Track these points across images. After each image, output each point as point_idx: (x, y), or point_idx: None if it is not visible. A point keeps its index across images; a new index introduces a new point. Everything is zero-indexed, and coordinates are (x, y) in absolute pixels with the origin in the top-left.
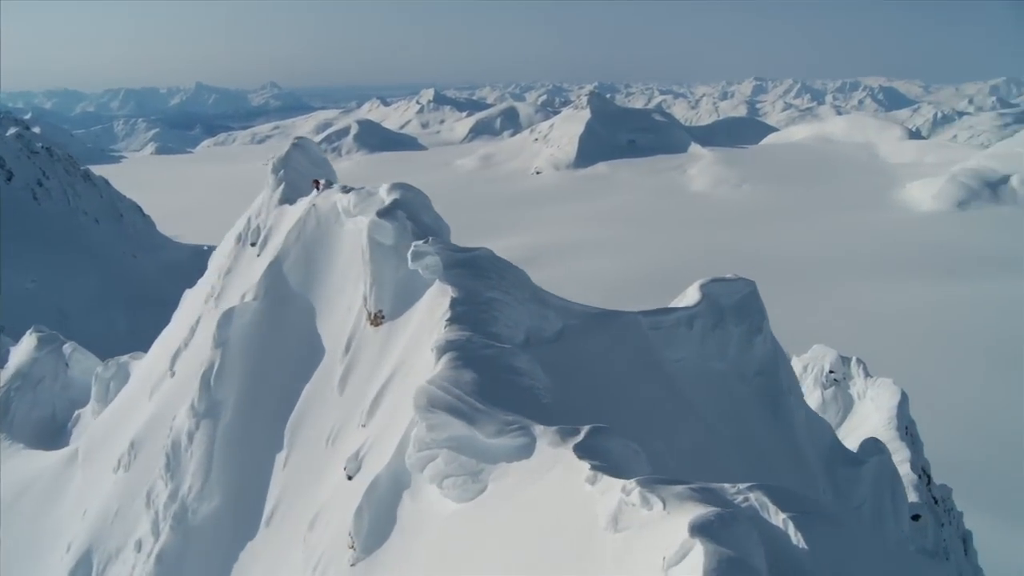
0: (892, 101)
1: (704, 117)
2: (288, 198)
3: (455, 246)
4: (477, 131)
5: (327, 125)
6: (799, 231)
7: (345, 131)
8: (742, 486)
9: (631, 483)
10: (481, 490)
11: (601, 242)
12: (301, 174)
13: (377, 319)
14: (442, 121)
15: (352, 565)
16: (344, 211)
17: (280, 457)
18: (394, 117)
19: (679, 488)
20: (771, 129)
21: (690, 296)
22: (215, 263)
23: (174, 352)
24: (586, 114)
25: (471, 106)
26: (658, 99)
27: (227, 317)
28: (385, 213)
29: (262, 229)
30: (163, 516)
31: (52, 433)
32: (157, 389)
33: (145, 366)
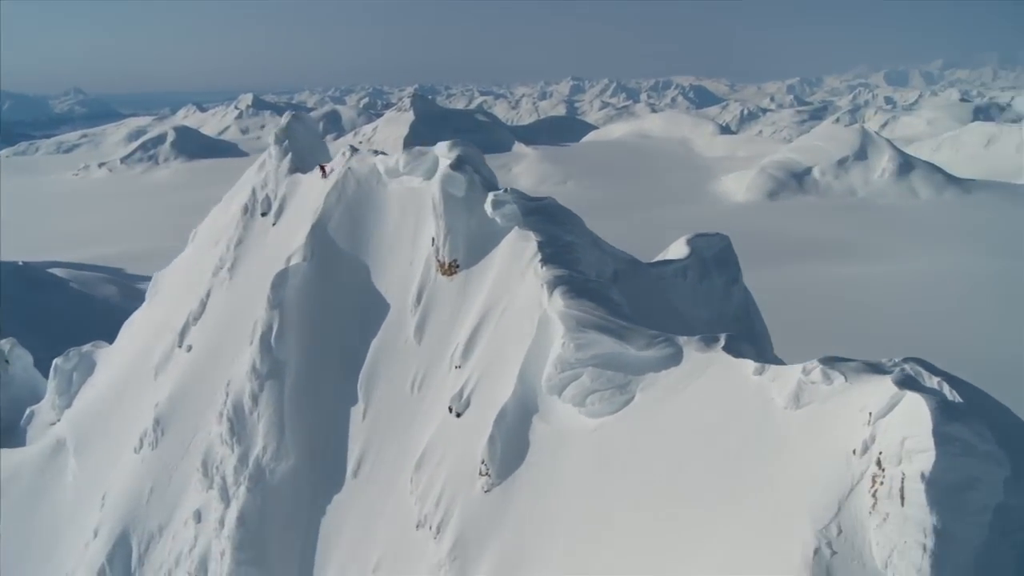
0: (702, 99)
1: (525, 117)
2: (297, 167)
3: (527, 195)
4: None
5: (140, 132)
6: (624, 225)
7: (161, 138)
8: (896, 359)
9: (812, 363)
10: (627, 401)
11: None
12: (303, 145)
13: (451, 268)
14: (262, 126)
15: (487, 491)
16: (388, 172)
17: (356, 410)
18: (212, 123)
19: (853, 363)
20: (591, 127)
21: (677, 250)
22: (210, 239)
23: (180, 329)
24: (409, 116)
25: (292, 110)
26: (479, 100)
27: (281, 279)
28: (456, 166)
29: (273, 199)
30: (234, 481)
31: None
32: (164, 367)
33: (127, 350)
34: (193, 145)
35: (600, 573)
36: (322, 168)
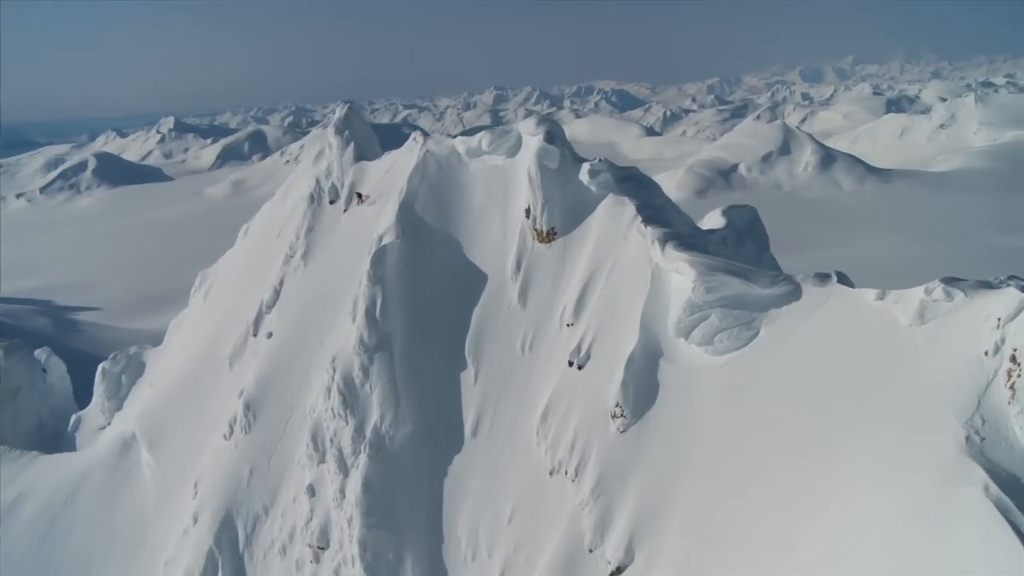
0: (624, 102)
1: (450, 128)
2: (361, 156)
3: (616, 164)
4: (225, 157)
5: (59, 161)
6: None
7: (82, 166)
8: (1002, 277)
9: (934, 283)
10: (752, 336)
11: None
12: (360, 134)
13: (549, 236)
14: (186, 149)
15: (623, 432)
16: (469, 152)
17: (466, 375)
18: (133, 148)
19: (968, 281)
20: None
21: (713, 220)
22: (268, 232)
23: (254, 318)
24: None
25: (215, 132)
26: (403, 113)
27: (380, 256)
28: (551, 140)
29: (340, 187)
30: (352, 451)
31: (44, 441)
32: (240, 356)
33: (188, 347)
34: (115, 172)
35: (745, 499)
36: (359, 196)
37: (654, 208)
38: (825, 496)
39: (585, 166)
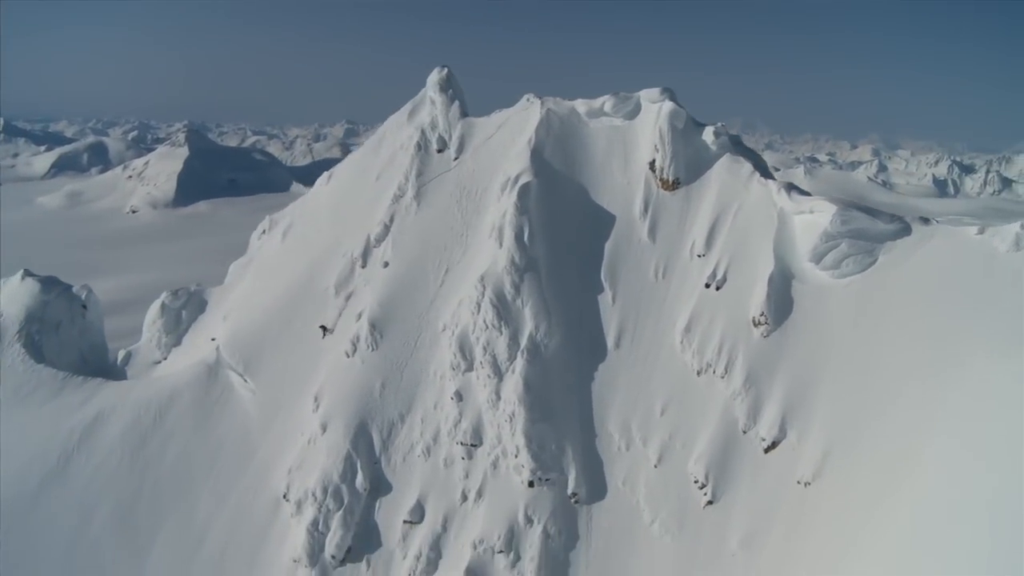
0: None
1: (299, 158)
2: (466, 112)
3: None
4: (60, 166)
5: None
6: None
7: None
8: None
9: None
10: (872, 263)
11: (209, 279)
12: (459, 93)
13: (673, 185)
14: (15, 154)
15: (766, 336)
16: (590, 113)
17: (603, 297)
18: None
19: None
20: None
21: None
22: (360, 178)
23: (361, 251)
24: (184, 151)
25: (50, 139)
26: (252, 139)
27: (524, 190)
28: (675, 103)
29: (448, 138)
30: (507, 357)
31: (88, 374)
32: (346, 285)
33: (268, 283)
34: None
35: (878, 394)
36: (323, 328)
37: (761, 166)
38: (944, 392)
39: (709, 129)
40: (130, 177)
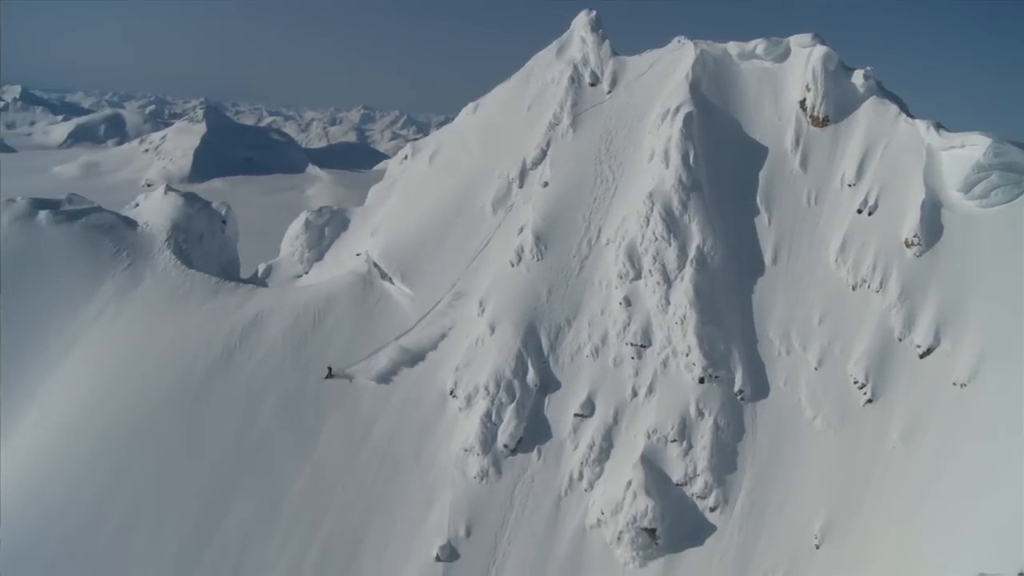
0: None
1: (315, 141)
2: (616, 51)
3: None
4: (77, 137)
5: None
6: None
7: None
8: None
9: None
10: (1019, 194)
11: None
12: (607, 32)
13: (823, 122)
14: (33, 123)
15: (918, 256)
16: (741, 55)
17: (759, 220)
18: None
19: None
20: (383, 156)
21: None
22: (509, 109)
23: (518, 173)
24: (202, 128)
25: (67, 109)
26: (268, 119)
27: (689, 118)
28: (827, 47)
29: (600, 74)
30: (676, 266)
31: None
32: (503, 202)
33: (416, 202)
34: None
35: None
36: (329, 369)
37: (904, 107)
38: None
39: (858, 72)
40: (147, 151)
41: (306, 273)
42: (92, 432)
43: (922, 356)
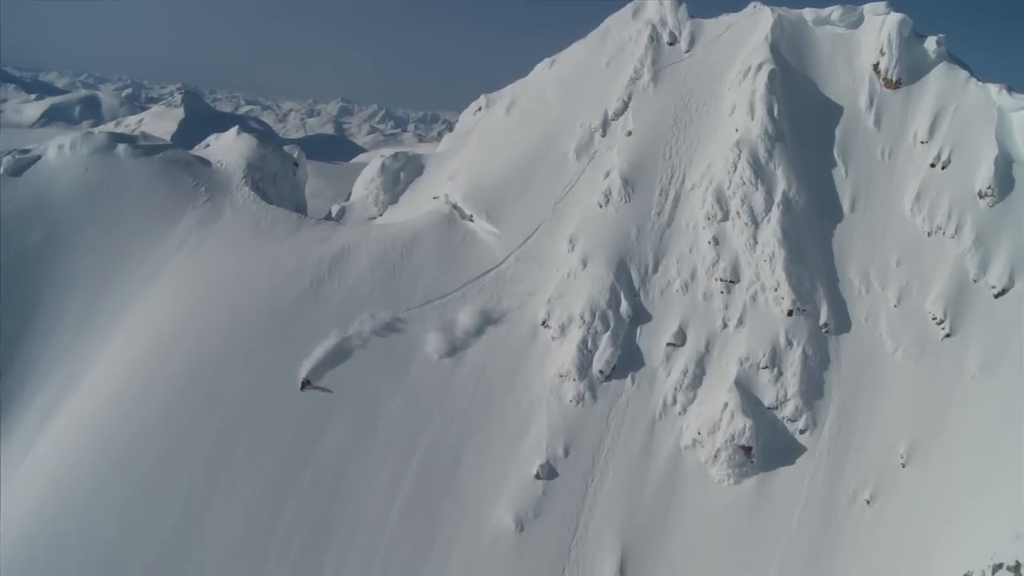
0: None
1: (292, 131)
2: (693, 14)
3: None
4: (51, 116)
5: None
6: None
7: None
8: None
9: None
10: None
11: None
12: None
13: (896, 84)
14: (4, 100)
15: (991, 207)
16: (816, 21)
17: (837, 171)
18: None
19: None
20: (360, 149)
21: None
22: (585, 66)
23: (600, 123)
24: (180, 112)
25: (40, 88)
26: (245, 108)
27: (773, 75)
28: (902, 14)
29: (678, 34)
30: (764, 209)
31: None
32: (586, 150)
33: (495, 149)
34: None
35: None
36: (306, 381)
37: (972, 73)
38: None
39: (931, 39)
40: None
41: (380, 215)
42: (182, 355)
43: (997, 296)
